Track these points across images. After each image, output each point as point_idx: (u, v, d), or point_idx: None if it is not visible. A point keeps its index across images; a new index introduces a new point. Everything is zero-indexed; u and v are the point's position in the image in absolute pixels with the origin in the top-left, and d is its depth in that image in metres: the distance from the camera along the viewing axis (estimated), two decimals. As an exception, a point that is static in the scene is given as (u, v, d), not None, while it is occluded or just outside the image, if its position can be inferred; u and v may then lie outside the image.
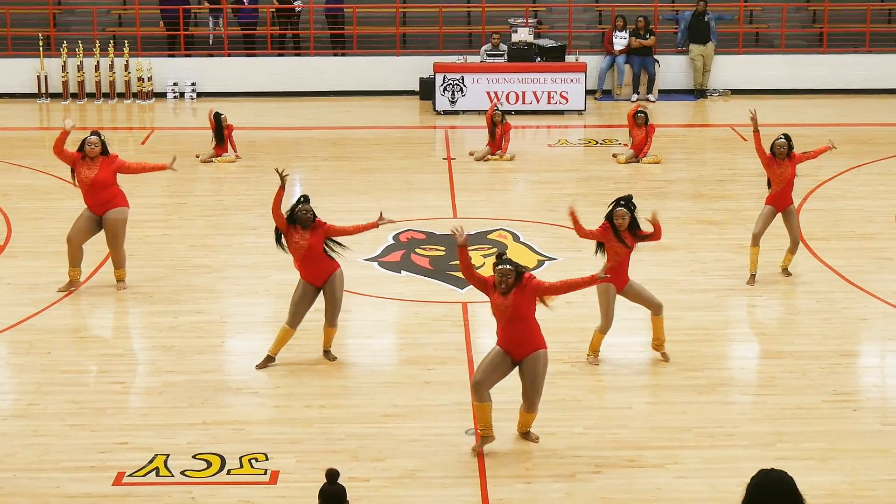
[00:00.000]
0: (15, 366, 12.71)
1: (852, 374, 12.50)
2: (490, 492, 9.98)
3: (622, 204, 12.11)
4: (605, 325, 12.39)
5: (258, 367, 12.38)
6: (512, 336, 10.40)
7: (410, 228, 16.90)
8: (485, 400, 10.40)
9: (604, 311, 12.33)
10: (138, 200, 18.52)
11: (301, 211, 12.02)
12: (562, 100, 25.09)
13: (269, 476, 10.22)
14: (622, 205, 12.11)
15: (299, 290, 12.28)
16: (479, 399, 10.44)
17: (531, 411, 10.62)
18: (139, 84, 26.08)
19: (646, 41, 26.14)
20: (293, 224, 12.06)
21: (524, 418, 10.71)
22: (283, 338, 12.40)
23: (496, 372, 10.48)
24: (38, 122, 24.78)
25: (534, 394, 10.52)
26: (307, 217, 12.03)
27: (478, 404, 10.47)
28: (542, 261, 15.61)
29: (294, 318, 12.31)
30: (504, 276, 10.30)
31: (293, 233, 12.06)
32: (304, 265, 12.19)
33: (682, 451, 10.67)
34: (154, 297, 14.45)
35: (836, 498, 9.84)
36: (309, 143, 22.59)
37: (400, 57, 26.91)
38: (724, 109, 25.62)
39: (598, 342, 12.48)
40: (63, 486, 10.08)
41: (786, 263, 14.98)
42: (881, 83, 26.85)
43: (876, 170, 20.43)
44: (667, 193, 18.91)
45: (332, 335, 12.59)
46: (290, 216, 12.06)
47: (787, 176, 14.43)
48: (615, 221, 12.09)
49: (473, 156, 20.97)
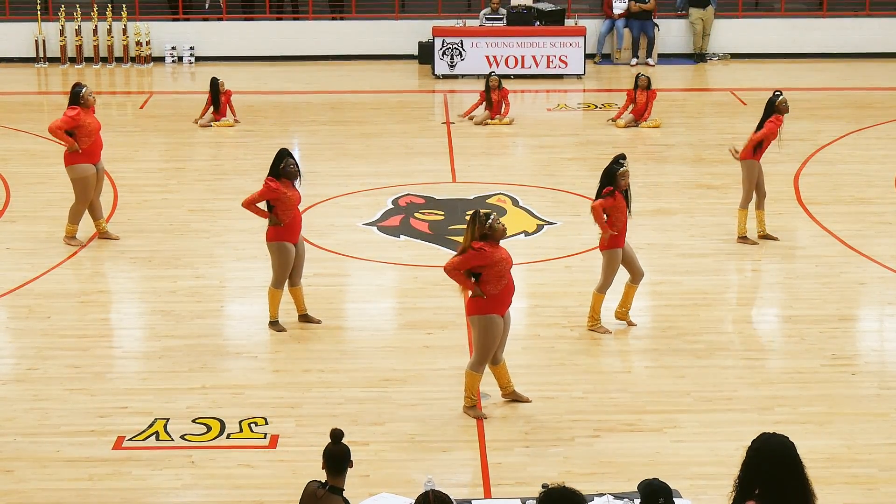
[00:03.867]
0: (14, 330, 12.72)
1: (851, 338, 12.51)
2: (489, 456, 10.01)
3: (622, 163, 11.99)
4: (604, 286, 12.31)
5: (277, 330, 12.44)
6: (510, 290, 10.41)
7: (410, 193, 16.88)
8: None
9: (612, 272, 12.23)
10: (137, 165, 18.56)
11: (290, 165, 12.08)
12: (561, 64, 25.00)
13: (268, 440, 10.25)
14: (622, 164, 11.99)
15: (290, 252, 12.27)
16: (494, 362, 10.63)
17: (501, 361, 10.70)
18: (137, 48, 25.98)
19: (645, 5, 26.03)
20: (280, 179, 12.07)
21: (504, 371, 10.73)
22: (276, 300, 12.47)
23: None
24: (36, 86, 24.71)
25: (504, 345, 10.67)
26: (296, 171, 12.14)
27: (479, 376, 10.57)
28: (541, 225, 15.60)
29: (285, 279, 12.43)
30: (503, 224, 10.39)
31: (284, 189, 12.07)
32: (297, 219, 12.21)
33: (680, 415, 10.69)
34: (153, 262, 14.45)
35: (834, 461, 9.87)
36: (307, 107, 22.53)
37: (399, 21, 26.80)
38: (724, 73, 25.54)
39: (598, 305, 12.40)
40: (63, 450, 10.11)
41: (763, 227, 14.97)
42: (881, 47, 26.75)
43: (875, 134, 20.38)
44: (666, 158, 18.88)
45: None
46: (278, 173, 12.07)
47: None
48: (620, 182, 11.98)
49: (473, 120, 20.91)
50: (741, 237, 14.81)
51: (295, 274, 12.42)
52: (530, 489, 9.03)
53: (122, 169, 18.06)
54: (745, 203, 14.73)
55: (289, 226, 12.17)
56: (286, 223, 12.13)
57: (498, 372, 10.74)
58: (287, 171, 12.06)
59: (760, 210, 14.82)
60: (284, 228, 12.15)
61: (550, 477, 9.25)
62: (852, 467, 9.84)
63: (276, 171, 12.07)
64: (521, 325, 12.71)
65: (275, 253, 12.24)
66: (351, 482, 7.67)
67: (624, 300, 12.49)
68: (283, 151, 12.15)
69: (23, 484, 9.62)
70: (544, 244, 14.95)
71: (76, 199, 14.75)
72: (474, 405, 10.63)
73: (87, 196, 14.70)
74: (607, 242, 12.07)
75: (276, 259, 12.25)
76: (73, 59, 25.90)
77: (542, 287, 13.60)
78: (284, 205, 12.07)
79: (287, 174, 12.06)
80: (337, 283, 13.89)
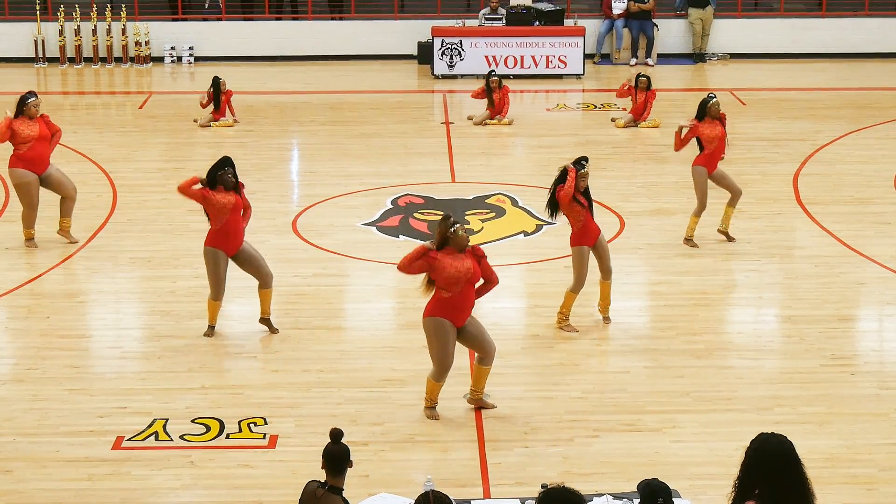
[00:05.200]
0: (14, 330, 12.72)
1: (850, 338, 12.51)
2: (489, 456, 10.01)
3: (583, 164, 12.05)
4: (577, 286, 12.34)
5: (206, 335, 12.37)
6: (463, 300, 10.30)
7: (409, 193, 16.88)
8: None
9: (578, 270, 12.26)
10: (136, 165, 18.55)
11: (227, 175, 11.98)
12: (560, 64, 25.00)
13: (267, 440, 10.25)
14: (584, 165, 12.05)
15: (217, 259, 12.16)
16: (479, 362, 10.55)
17: (489, 363, 10.58)
18: (136, 48, 25.97)
19: (645, 5, 26.02)
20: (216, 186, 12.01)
21: (483, 372, 10.63)
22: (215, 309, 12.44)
23: (453, 345, 10.43)
24: (35, 86, 24.63)
25: (488, 346, 10.51)
26: (232, 181, 12.00)
27: (437, 384, 10.55)
28: (540, 225, 15.60)
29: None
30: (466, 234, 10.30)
31: (214, 195, 11.98)
32: (231, 226, 12.08)
33: (680, 415, 10.69)
34: (152, 262, 14.45)
35: (833, 462, 9.87)
36: (307, 107, 22.53)
37: (398, 21, 26.80)
38: (723, 73, 25.53)
39: (569, 303, 12.41)
40: (62, 450, 10.11)
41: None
42: (880, 47, 26.74)
43: (875, 134, 20.38)
44: (665, 158, 18.86)
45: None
46: (214, 179, 11.99)
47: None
48: (580, 182, 12.01)
49: (472, 120, 20.91)
50: (686, 238, 14.83)
51: (257, 277, 12.34)
52: (530, 489, 9.03)
53: (121, 169, 18.06)
54: (697, 211, 14.73)
55: (220, 232, 12.07)
56: (216, 229, 12.06)
57: (475, 373, 10.70)
58: (224, 179, 11.99)
59: (731, 207, 14.83)
60: (215, 234, 12.07)
61: (550, 477, 9.25)
62: (852, 467, 9.84)
63: (212, 176, 12.02)
64: (520, 325, 12.72)
65: (205, 257, 12.19)
66: (351, 482, 7.67)
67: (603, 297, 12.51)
68: (225, 159, 12.10)
69: (22, 484, 9.61)
70: (543, 244, 14.95)
71: (22, 205, 14.89)
72: (431, 407, 10.64)
73: (30, 201, 14.73)
74: (573, 239, 12.16)
75: (206, 265, 12.22)
76: (73, 60, 25.89)
77: (541, 287, 13.59)
78: (214, 209, 11.99)
79: (223, 182, 12.00)
80: (336, 284, 13.89)
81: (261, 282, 12.36)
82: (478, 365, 10.63)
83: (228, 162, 12.06)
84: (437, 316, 10.29)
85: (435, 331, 10.32)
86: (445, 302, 10.26)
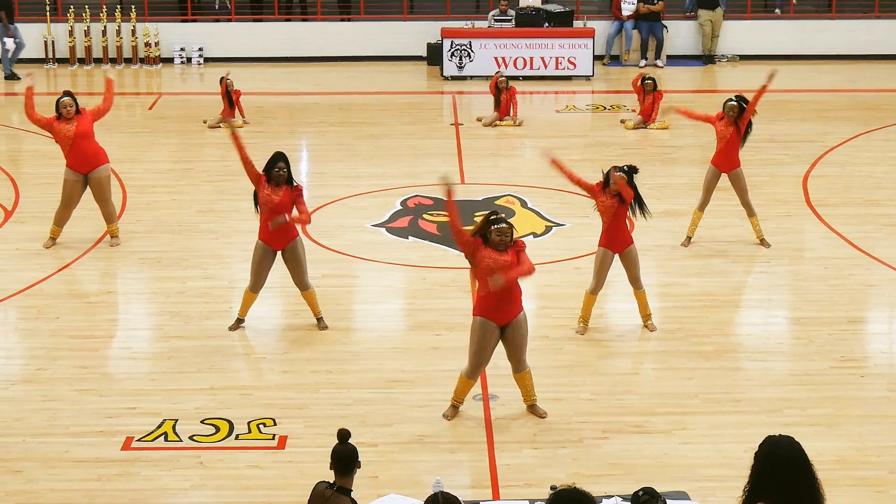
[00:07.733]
0: (24, 331, 12.74)
1: (860, 340, 12.49)
2: (497, 457, 10.01)
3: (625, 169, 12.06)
4: (594, 287, 12.34)
5: (231, 328, 12.48)
6: (502, 299, 10.30)
7: (418, 194, 16.89)
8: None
9: (598, 272, 12.27)
10: (146, 166, 18.59)
11: (279, 170, 11.99)
12: (570, 65, 25.00)
13: (277, 441, 10.26)
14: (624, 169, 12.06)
15: (257, 251, 12.29)
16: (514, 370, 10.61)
17: (523, 369, 10.60)
18: (146, 49, 26.02)
19: (654, 6, 26.01)
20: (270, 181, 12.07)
21: (523, 380, 10.66)
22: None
23: (491, 347, 10.45)
24: (46, 87, 24.70)
25: (521, 353, 10.53)
26: (282, 175, 12.00)
27: (469, 382, 10.57)
28: (549, 226, 15.60)
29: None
30: (503, 234, 10.22)
31: (266, 189, 12.06)
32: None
33: (688, 416, 10.69)
34: (161, 263, 14.47)
35: (843, 464, 9.86)
36: (316, 108, 22.55)
37: (407, 22, 26.81)
38: (733, 75, 25.51)
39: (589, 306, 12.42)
40: (72, 450, 10.13)
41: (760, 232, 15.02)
42: (890, 49, 26.70)
43: (884, 136, 20.36)
44: (675, 159, 18.87)
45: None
46: (270, 174, 12.04)
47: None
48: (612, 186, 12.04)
49: (482, 121, 20.92)
50: (687, 237, 14.93)
51: (293, 279, 12.40)
52: (539, 491, 9.05)
53: (131, 170, 18.09)
54: (699, 206, 14.80)
55: (263, 225, 12.20)
56: (261, 223, 12.19)
57: (518, 381, 10.72)
58: (275, 175, 11.99)
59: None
60: (261, 227, 12.21)
61: (559, 478, 9.25)
62: (861, 469, 9.83)
63: (267, 171, 12.04)
64: (529, 326, 12.70)
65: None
66: (359, 483, 7.68)
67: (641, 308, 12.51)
68: (277, 155, 12.09)
69: (32, 484, 9.64)
70: (553, 246, 14.96)
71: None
72: (454, 406, 10.66)
73: (65, 199, 14.74)
74: (600, 239, 12.18)
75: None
76: (83, 61, 25.94)
77: (551, 288, 13.59)
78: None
79: (275, 178, 12.01)
80: (345, 284, 13.90)
81: (297, 285, 12.42)
82: (514, 374, 10.66)
83: (282, 158, 12.06)
84: (481, 315, 10.34)
85: (476, 330, 10.36)
86: (487, 299, 10.29)
